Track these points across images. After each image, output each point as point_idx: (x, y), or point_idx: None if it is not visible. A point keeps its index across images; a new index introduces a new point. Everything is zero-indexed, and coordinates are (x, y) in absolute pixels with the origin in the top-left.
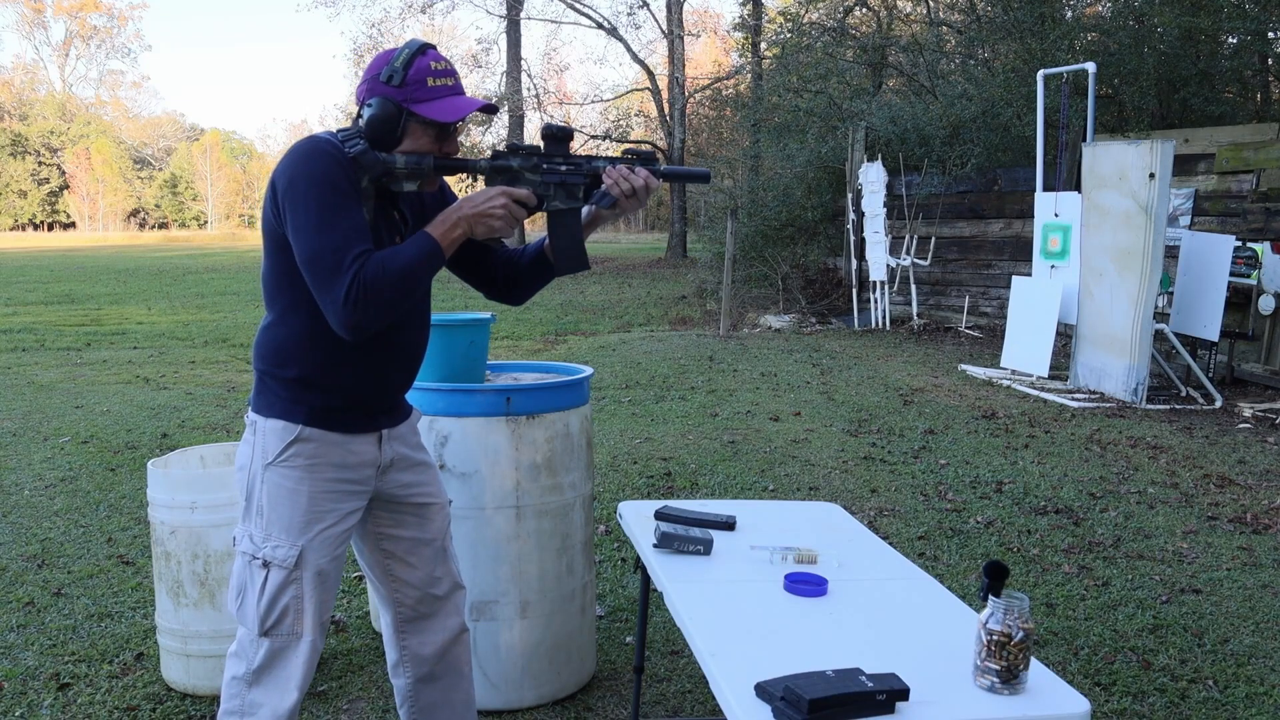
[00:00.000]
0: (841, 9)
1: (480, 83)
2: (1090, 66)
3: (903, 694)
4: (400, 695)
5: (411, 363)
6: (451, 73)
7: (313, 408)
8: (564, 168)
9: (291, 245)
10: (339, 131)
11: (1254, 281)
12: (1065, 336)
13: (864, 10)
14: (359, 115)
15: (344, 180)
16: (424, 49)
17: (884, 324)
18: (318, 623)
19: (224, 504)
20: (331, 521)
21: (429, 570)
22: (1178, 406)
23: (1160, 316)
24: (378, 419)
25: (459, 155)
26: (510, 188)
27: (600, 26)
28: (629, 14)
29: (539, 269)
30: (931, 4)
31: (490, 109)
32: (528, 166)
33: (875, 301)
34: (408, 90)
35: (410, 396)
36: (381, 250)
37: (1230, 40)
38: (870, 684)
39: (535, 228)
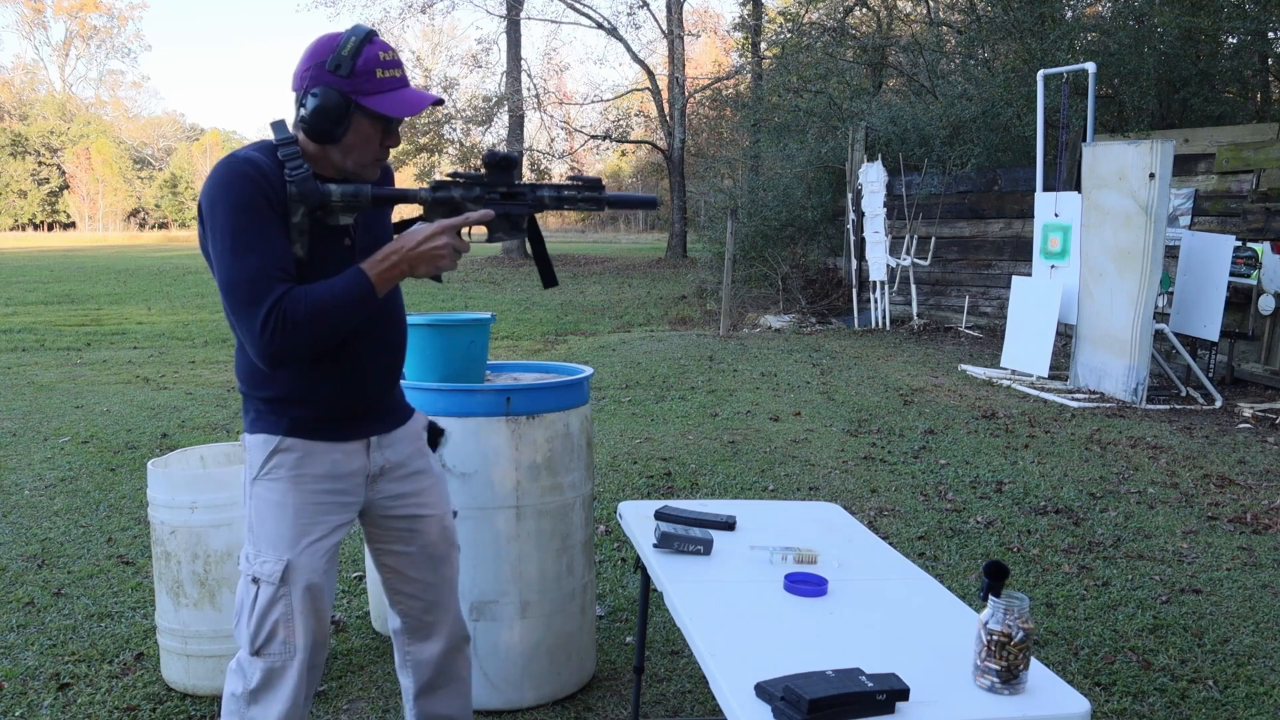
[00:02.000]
0: (841, 9)
1: (480, 83)
2: (1090, 66)
3: (903, 694)
4: (405, 692)
5: (392, 365)
6: (399, 63)
7: (294, 419)
8: (506, 198)
9: (215, 273)
10: (279, 141)
11: (1254, 281)
12: (1065, 336)
13: (864, 10)
14: (301, 103)
15: (261, 202)
16: (370, 36)
17: (884, 324)
18: (311, 637)
19: (224, 504)
20: (319, 534)
21: (427, 582)
22: (1178, 406)
23: (1160, 316)
24: (364, 426)
25: (398, 185)
26: (451, 219)
27: (600, 26)
28: (629, 14)
29: None
30: (931, 4)
31: (439, 102)
32: (470, 197)
33: (875, 301)
34: (356, 81)
35: (410, 396)
36: (309, 284)
37: (1230, 40)
38: (870, 684)
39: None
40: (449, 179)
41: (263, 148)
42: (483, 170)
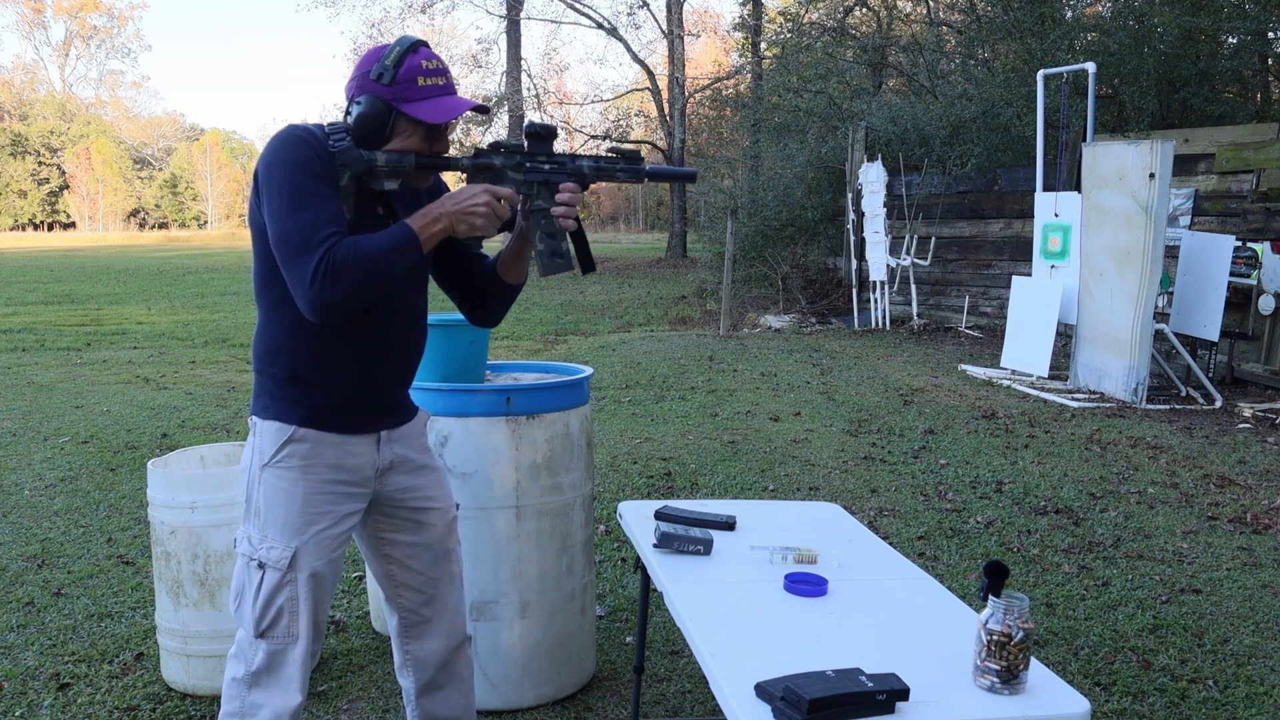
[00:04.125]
0: (841, 9)
1: (480, 83)
2: (1090, 66)
3: (903, 694)
4: (406, 695)
5: (407, 360)
6: (443, 71)
7: (307, 408)
8: (547, 166)
9: (268, 231)
10: (329, 125)
11: (1254, 281)
12: (1065, 336)
13: (864, 10)
14: (348, 112)
15: (318, 165)
16: (415, 46)
17: (884, 324)
18: (313, 624)
19: (224, 504)
20: (327, 524)
21: (429, 575)
22: (1178, 406)
23: (1160, 316)
24: (376, 420)
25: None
26: (493, 186)
27: (600, 26)
28: (629, 14)
29: (496, 283)
30: (931, 4)
31: (482, 109)
32: (511, 165)
33: (875, 301)
34: (398, 89)
35: (411, 396)
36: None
37: (1230, 40)
38: (870, 684)
39: None
40: (489, 148)
41: (315, 126)
42: (524, 140)
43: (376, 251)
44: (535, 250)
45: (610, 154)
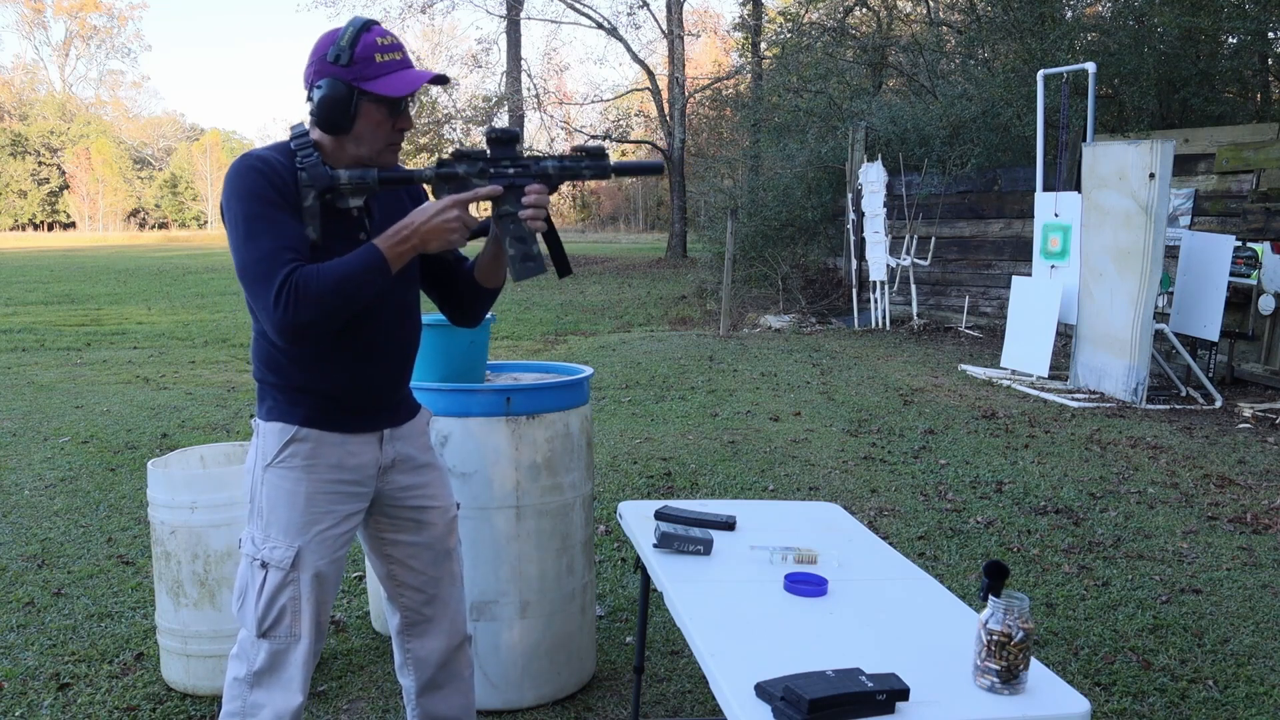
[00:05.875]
0: (841, 9)
1: (480, 83)
2: (1090, 66)
3: (903, 694)
4: (406, 694)
5: (402, 359)
6: (398, 46)
7: (308, 408)
8: (512, 170)
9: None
10: (294, 136)
11: (1254, 281)
12: (1065, 336)
13: (864, 10)
14: (309, 98)
15: (271, 192)
16: (368, 25)
17: (884, 324)
18: (315, 624)
19: (224, 504)
20: (330, 523)
21: (430, 574)
22: (1178, 406)
23: (1160, 316)
24: (377, 418)
25: (406, 165)
26: (461, 194)
27: (600, 26)
28: (629, 14)
29: (474, 287)
30: (931, 4)
31: (441, 80)
32: (474, 172)
33: (875, 301)
34: (357, 69)
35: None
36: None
37: (1230, 40)
38: (870, 684)
39: None
40: (452, 156)
41: (277, 147)
42: (486, 146)
43: (342, 276)
44: (507, 255)
45: (575, 152)
